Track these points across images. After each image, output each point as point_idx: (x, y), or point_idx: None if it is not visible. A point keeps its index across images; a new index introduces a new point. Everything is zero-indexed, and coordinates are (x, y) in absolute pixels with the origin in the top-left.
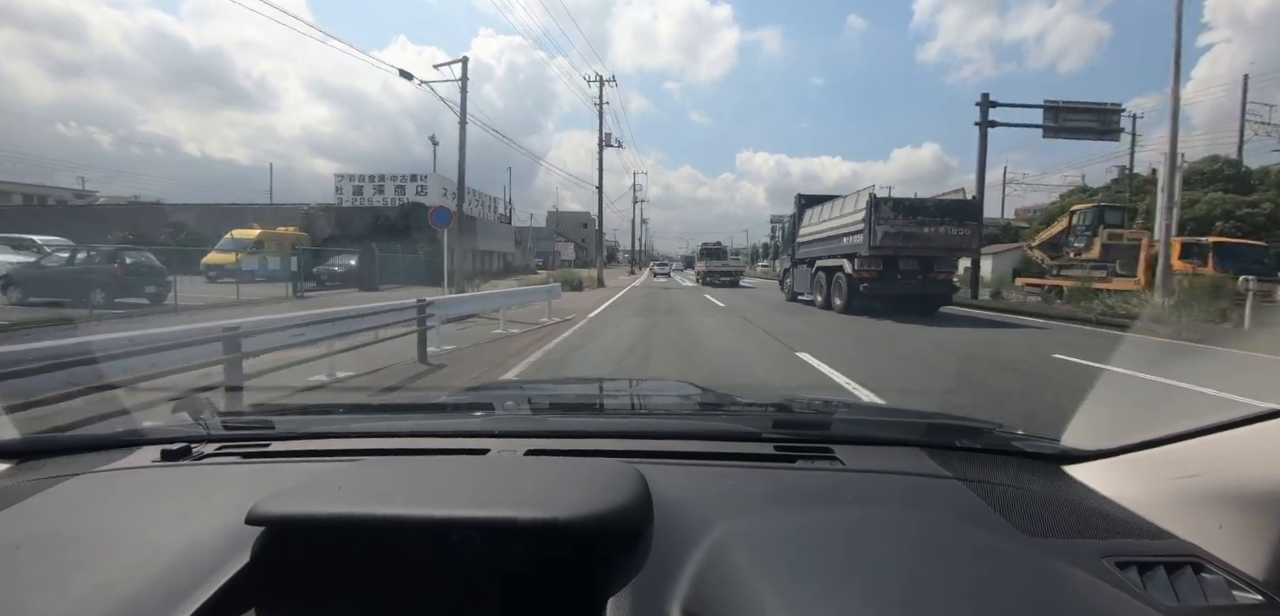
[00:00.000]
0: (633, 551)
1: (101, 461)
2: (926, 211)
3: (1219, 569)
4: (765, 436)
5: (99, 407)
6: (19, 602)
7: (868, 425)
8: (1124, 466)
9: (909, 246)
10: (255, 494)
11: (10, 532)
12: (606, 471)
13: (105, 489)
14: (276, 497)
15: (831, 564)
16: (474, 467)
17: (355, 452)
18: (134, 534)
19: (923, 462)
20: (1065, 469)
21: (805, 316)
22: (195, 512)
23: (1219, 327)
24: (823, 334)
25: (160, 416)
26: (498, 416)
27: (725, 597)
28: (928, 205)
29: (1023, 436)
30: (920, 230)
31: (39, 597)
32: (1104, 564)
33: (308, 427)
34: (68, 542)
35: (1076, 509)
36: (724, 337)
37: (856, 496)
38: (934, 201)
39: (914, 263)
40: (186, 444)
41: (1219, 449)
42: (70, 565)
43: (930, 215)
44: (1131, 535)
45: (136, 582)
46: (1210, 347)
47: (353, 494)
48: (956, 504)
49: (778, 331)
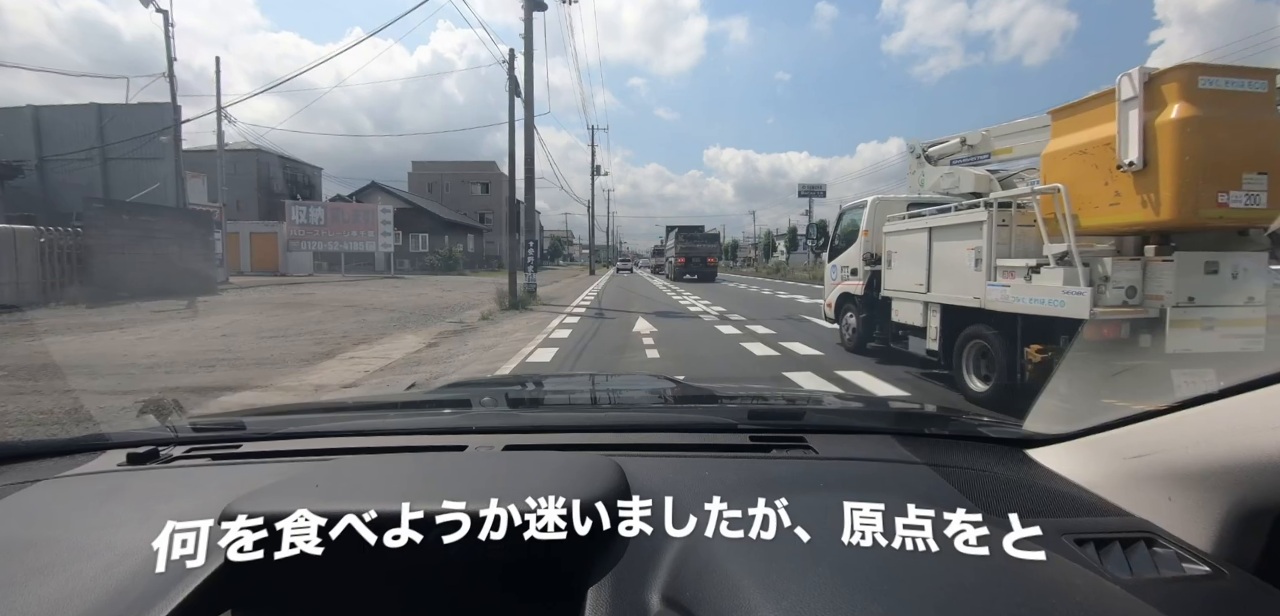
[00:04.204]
0: (612, 542)
1: (65, 466)
2: (699, 235)
3: (1170, 543)
4: (741, 427)
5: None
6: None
7: (840, 414)
8: (1082, 449)
9: (695, 250)
10: (226, 495)
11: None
12: (584, 464)
13: (69, 494)
14: (250, 498)
15: (806, 548)
16: (451, 463)
17: (330, 452)
18: (100, 539)
19: (892, 449)
20: (1028, 452)
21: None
22: (164, 516)
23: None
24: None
25: (126, 420)
26: (475, 413)
27: (704, 584)
28: (698, 231)
29: (988, 422)
30: (694, 244)
31: (1, 606)
32: (1063, 541)
33: (280, 428)
34: (31, 549)
35: (1038, 490)
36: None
37: (829, 482)
38: (699, 229)
39: (699, 260)
40: (154, 447)
41: (1169, 431)
42: (33, 572)
43: (700, 237)
44: (1089, 513)
45: (104, 588)
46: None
47: (330, 492)
48: (924, 488)
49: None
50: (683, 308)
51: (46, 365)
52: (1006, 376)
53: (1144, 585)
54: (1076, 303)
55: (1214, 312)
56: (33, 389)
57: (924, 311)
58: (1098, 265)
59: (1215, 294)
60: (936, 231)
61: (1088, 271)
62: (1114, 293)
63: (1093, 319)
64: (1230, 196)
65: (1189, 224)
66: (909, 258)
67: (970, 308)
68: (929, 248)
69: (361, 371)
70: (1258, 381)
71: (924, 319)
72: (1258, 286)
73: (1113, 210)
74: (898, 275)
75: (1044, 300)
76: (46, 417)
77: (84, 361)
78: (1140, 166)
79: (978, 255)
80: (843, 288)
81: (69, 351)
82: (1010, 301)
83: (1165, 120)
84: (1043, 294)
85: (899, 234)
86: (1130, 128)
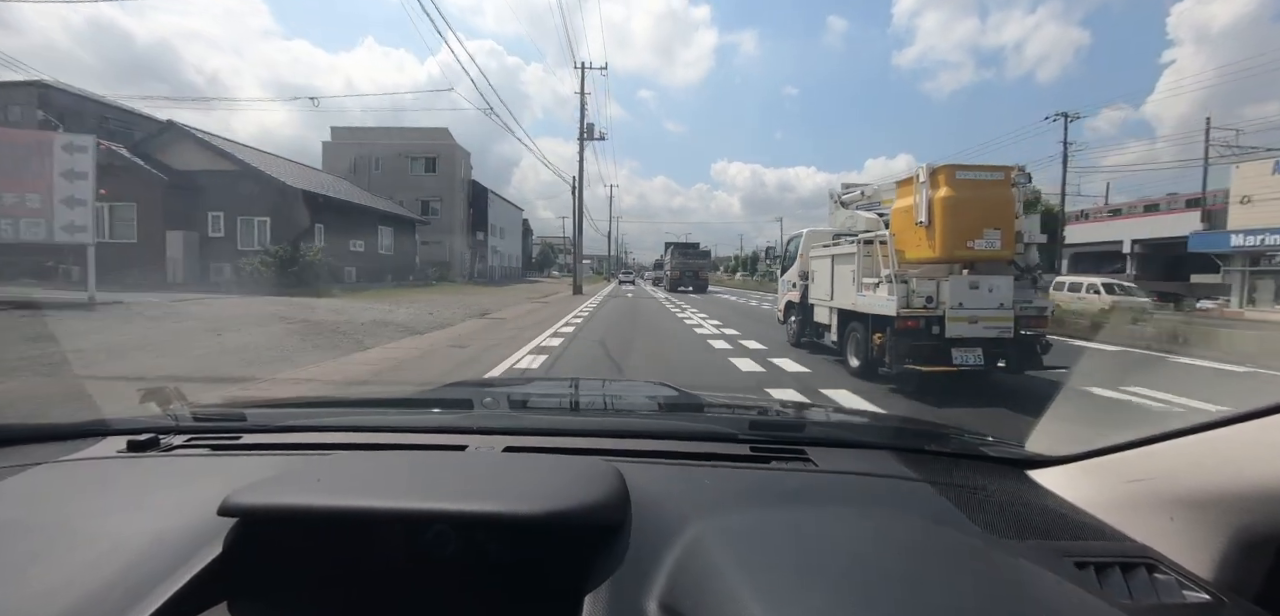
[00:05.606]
0: (610, 547)
1: (64, 450)
2: (692, 250)
3: (1171, 569)
4: (741, 437)
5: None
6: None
7: (840, 428)
8: (1084, 471)
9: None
10: (225, 486)
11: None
12: (584, 468)
13: (69, 479)
14: (252, 489)
15: (804, 560)
16: (451, 462)
17: (329, 447)
18: (98, 525)
19: (892, 465)
20: (1029, 473)
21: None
22: (162, 504)
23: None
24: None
25: (127, 406)
26: (476, 413)
27: (702, 592)
28: (693, 248)
29: (989, 442)
30: (688, 260)
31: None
32: (1064, 564)
33: (281, 421)
34: (28, 532)
35: (1038, 511)
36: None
37: (829, 496)
38: (693, 246)
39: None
40: (154, 434)
41: (1171, 456)
42: (30, 556)
43: (693, 253)
44: (1090, 537)
45: (101, 575)
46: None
47: (331, 486)
48: (924, 504)
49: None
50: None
51: None
52: (865, 354)
53: (1144, 611)
54: (890, 305)
55: (976, 312)
56: None
57: (829, 313)
58: (911, 283)
59: (977, 300)
60: (836, 258)
61: (903, 286)
62: (918, 299)
63: (899, 315)
64: (976, 242)
65: (952, 258)
66: (822, 276)
67: (850, 310)
68: (832, 269)
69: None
70: (1263, 410)
71: (829, 319)
72: (1005, 295)
73: (917, 249)
74: (816, 288)
75: (879, 304)
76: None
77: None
78: (927, 223)
79: (853, 275)
80: (787, 296)
81: None
82: (866, 306)
83: (936, 197)
84: (879, 300)
85: (817, 258)
86: (922, 200)
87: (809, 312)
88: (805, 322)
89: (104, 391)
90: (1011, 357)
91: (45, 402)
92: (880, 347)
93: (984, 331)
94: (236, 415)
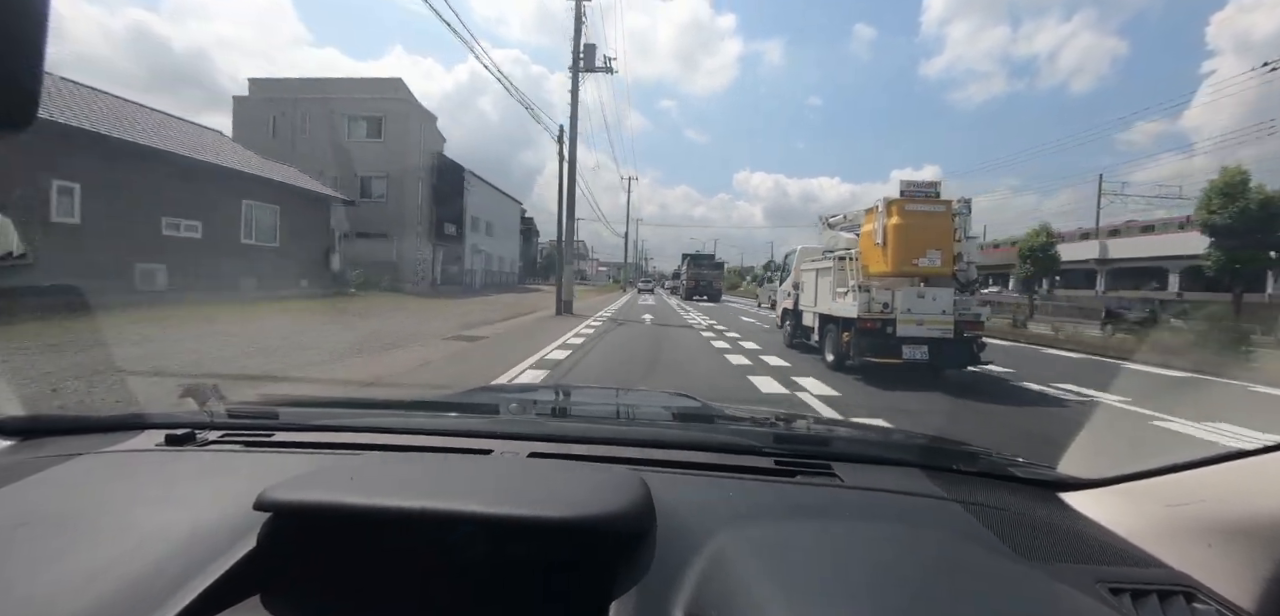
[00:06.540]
0: (636, 556)
1: (105, 443)
2: (707, 261)
3: (1210, 598)
4: (766, 450)
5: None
6: (19, 581)
7: (867, 444)
8: (1118, 495)
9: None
10: (259, 482)
11: (11, 511)
12: (609, 475)
13: (109, 470)
14: (287, 485)
15: (832, 576)
16: (478, 466)
17: (359, 447)
18: (137, 516)
19: (920, 483)
20: (1060, 496)
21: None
22: (198, 497)
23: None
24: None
25: (166, 401)
26: (501, 419)
27: (728, 605)
28: (707, 259)
29: (1020, 462)
30: (702, 270)
31: (39, 577)
32: (1097, 589)
33: (313, 420)
34: (69, 522)
35: (1071, 534)
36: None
37: (855, 512)
38: (708, 257)
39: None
40: (191, 430)
41: (1212, 481)
42: (72, 545)
43: (707, 264)
44: (1125, 562)
45: (139, 564)
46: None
47: (363, 484)
48: (953, 524)
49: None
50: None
51: None
52: (837, 349)
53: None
54: (855, 309)
55: (923, 316)
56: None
57: (813, 318)
58: (872, 291)
59: (923, 307)
60: (819, 271)
61: (865, 295)
62: (876, 305)
63: (861, 317)
64: (920, 260)
65: (901, 273)
66: (809, 286)
67: (827, 314)
68: (816, 280)
69: None
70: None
71: (813, 322)
72: (947, 303)
73: (877, 265)
74: (805, 297)
75: (847, 309)
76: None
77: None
78: (882, 244)
79: (831, 285)
80: (783, 304)
81: None
82: (839, 310)
83: (889, 224)
84: (847, 306)
85: (805, 271)
86: (880, 226)
87: (799, 318)
88: (797, 326)
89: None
90: (951, 355)
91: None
92: (847, 344)
93: (929, 332)
94: (270, 413)
